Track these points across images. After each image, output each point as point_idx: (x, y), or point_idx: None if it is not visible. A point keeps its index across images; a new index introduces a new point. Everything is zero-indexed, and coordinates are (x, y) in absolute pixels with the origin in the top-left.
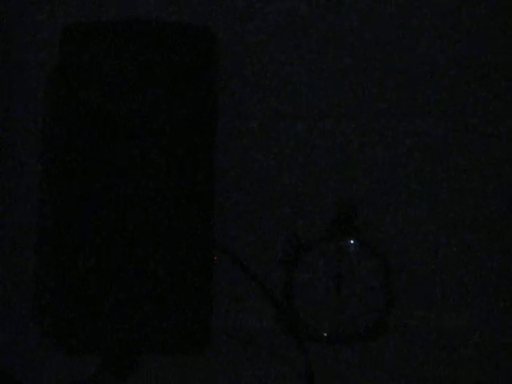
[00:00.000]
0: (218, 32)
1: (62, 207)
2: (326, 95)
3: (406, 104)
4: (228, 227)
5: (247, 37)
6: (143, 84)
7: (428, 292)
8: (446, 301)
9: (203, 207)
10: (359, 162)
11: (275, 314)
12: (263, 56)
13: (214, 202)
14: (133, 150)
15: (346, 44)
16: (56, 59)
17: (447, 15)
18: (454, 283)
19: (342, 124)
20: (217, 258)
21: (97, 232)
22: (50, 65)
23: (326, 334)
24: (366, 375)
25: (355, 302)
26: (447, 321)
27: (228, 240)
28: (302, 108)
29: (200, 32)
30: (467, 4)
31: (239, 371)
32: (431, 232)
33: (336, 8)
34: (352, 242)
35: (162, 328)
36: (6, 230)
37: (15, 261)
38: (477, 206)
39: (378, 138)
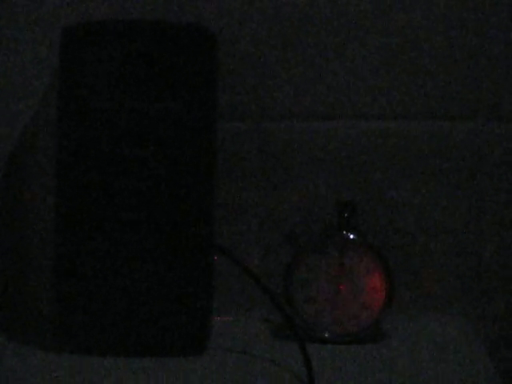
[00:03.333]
0: (218, 32)
1: (61, 206)
2: (327, 95)
3: (405, 104)
4: (228, 227)
5: (247, 37)
6: (143, 84)
7: (429, 292)
8: (446, 301)
9: (203, 207)
10: (359, 161)
11: (275, 314)
12: (263, 56)
13: (214, 203)
14: (132, 150)
15: (347, 44)
16: (56, 59)
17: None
18: (455, 283)
19: (342, 124)
20: (217, 258)
21: (96, 232)
22: (50, 65)
23: (326, 334)
24: (366, 375)
25: (355, 301)
26: (447, 321)
27: (228, 240)
28: (302, 108)
29: (200, 32)
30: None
31: (239, 371)
32: (433, 233)
33: (337, 8)
34: (352, 241)
35: (161, 328)
36: (5, 229)
37: (15, 260)
38: (480, 207)
39: (378, 137)
